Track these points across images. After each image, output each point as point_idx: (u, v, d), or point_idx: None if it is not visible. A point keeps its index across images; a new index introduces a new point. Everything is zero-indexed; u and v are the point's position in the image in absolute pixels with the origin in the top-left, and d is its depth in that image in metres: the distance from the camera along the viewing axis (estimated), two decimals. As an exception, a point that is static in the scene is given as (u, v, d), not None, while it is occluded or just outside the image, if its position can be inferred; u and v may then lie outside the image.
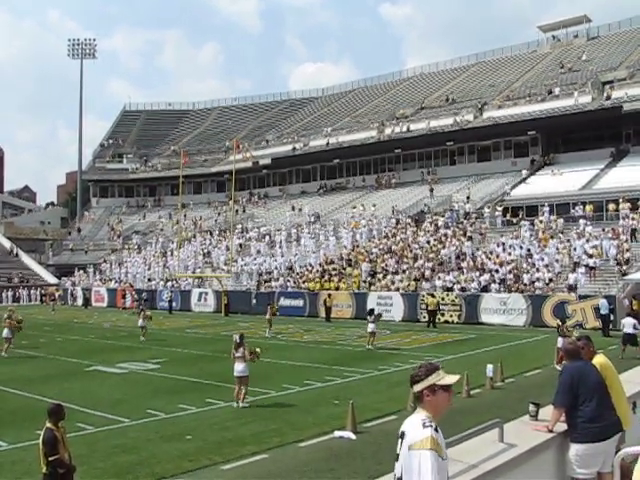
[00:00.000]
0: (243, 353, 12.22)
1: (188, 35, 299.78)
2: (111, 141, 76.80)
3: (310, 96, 78.92)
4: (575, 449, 4.95)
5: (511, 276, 28.19)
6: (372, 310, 21.23)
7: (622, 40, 54.67)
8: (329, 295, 31.74)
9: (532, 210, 35.40)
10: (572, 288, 25.74)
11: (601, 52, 53.79)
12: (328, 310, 31.08)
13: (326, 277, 34.66)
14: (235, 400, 12.09)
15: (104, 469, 8.42)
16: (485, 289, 28.20)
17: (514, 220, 35.02)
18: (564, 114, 42.12)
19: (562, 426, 5.06)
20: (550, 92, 46.63)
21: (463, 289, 28.84)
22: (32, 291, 53.13)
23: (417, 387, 3.17)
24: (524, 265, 28.78)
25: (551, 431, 4.96)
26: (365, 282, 32.77)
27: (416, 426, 3.02)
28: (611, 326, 22.59)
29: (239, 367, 12.09)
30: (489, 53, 67.16)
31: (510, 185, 40.30)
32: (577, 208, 33.28)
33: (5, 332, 20.08)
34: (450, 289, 29.17)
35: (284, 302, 34.27)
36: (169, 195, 67.07)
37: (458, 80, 63.43)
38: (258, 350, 12.58)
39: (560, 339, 15.19)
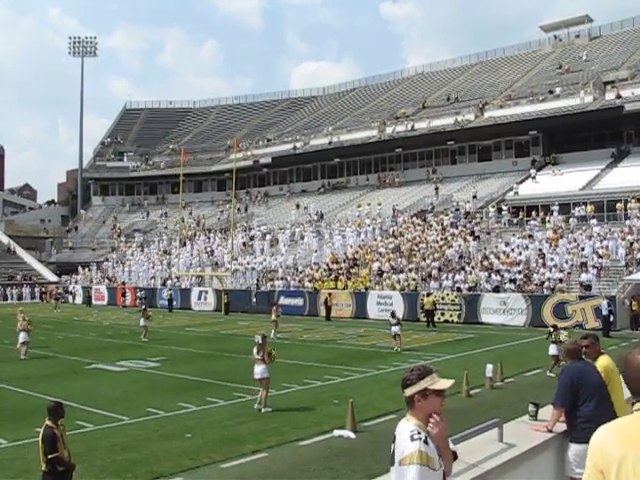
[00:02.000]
0: (263, 355, 11.87)
1: (189, 33, 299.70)
2: (111, 139, 76.81)
3: (311, 95, 78.86)
4: (574, 449, 4.95)
5: (521, 276, 28.05)
6: (393, 312, 20.59)
7: (624, 40, 54.61)
8: (329, 294, 31.75)
9: (533, 210, 35.34)
10: (587, 288, 25.64)
11: (603, 52, 53.76)
12: (328, 309, 31.09)
13: (333, 276, 34.60)
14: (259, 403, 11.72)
15: (103, 467, 8.43)
16: (497, 289, 28.06)
17: (514, 220, 35.03)
18: (565, 114, 42.05)
19: (561, 426, 5.07)
20: (551, 92, 46.59)
21: (470, 289, 28.80)
22: (35, 289, 53.10)
23: (408, 391, 3.03)
24: (533, 265, 28.69)
25: (550, 431, 4.97)
26: (370, 282, 32.70)
27: (405, 438, 2.91)
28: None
29: (257, 369, 11.80)
30: (490, 52, 67.10)
31: (514, 184, 40.15)
32: (578, 208, 33.27)
33: (22, 336, 19.60)
34: (458, 289, 29.06)
35: (284, 301, 34.21)
36: (170, 193, 66.93)
37: (459, 79, 63.41)
38: (274, 353, 12.19)
39: (553, 346, 15.11)
